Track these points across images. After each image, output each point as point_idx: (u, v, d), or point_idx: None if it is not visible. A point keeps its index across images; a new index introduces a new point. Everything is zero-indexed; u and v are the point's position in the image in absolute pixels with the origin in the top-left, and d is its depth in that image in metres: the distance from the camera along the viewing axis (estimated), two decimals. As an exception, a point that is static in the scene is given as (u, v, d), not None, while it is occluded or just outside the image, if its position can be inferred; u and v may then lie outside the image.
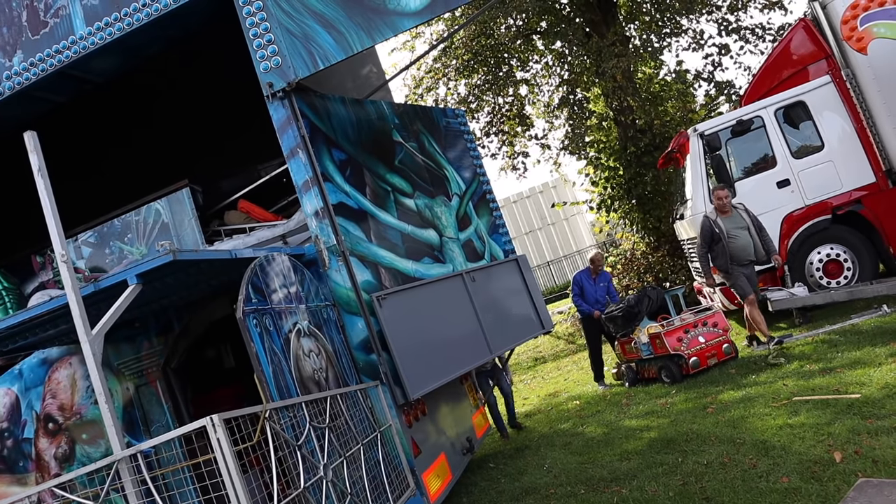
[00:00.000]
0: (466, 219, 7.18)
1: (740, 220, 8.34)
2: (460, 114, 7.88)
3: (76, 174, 6.93)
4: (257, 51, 5.42)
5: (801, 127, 9.45)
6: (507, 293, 7.19)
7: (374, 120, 6.44)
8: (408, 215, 6.31)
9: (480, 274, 6.76)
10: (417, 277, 6.03)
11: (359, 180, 5.88)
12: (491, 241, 7.42)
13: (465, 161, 7.56)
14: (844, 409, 5.36)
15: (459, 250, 6.83)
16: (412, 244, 6.21)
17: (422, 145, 6.93)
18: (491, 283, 6.95)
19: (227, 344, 7.14)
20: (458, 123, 7.71)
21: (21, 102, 6.23)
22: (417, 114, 7.18)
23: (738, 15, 15.54)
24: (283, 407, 3.86)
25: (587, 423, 7.82)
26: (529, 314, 7.25)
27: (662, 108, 15.34)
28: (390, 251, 5.88)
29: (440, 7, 5.15)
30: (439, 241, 6.59)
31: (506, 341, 6.77)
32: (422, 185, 6.67)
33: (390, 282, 5.70)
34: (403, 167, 6.54)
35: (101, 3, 5.78)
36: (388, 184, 6.25)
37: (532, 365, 14.11)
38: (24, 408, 6.36)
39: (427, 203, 6.64)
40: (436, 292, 6.09)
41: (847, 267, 9.08)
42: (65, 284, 3.85)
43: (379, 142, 6.38)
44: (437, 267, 6.41)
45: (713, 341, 8.09)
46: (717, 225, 8.31)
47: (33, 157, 3.86)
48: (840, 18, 9.11)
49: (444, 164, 7.19)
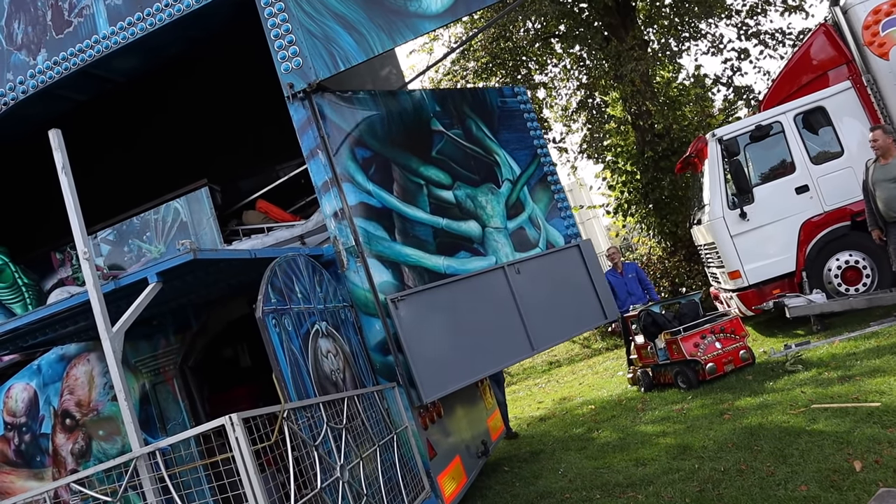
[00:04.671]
0: (519, 205, 6.81)
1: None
2: (520, 91, 7.38)
3: (95, 172, 6.98)
4: (278, 51, 5.45)
5: (820, 132, 9.37)
6: (561, 282, 6.79)
7: (408, 111, 6.28)
8: (443, 208, 6.14)
9: (529, 264, 6.48)
10: (449, 274, 5.90)
11: (385, 177, 5.81)
12: (549, 226, 6.98)
13: (523, 142, 7.12)
14: (864, 417, 5.30)
15: (506, 240, 6.51)
16: (446, 239, 6.07)
17: (468, 131, 6.67)
18: (542, 272, 6.62)
19: (244, 343, 7.17)
20: (518, 102, 7.25)
21: (43, 101, 6.30)
22: (465, 97, 6.89)
23: (757, 19, 15.49)
24: (300, 407, 3.87)
25: (602, 428, 7.79)
26: (589, 303, 6.82)
27: (680, 112, 15.29)
28: (417, 248, 5.79)
29: (461, 10, 5.15)
30: (481, 233, 6.34)
31: (555, 335, 6.54)
32: (463, 175, 6.44)
33: (414, 281, 5.63)
34: (442, 157, 6.34)
35: (125, 3, 5.83)
36: (422, 177, 6.11)
37: (547, 369, 14.09)
38: (42, 403, 6.43)
39: (469, 193, 6.41)
40: (466, 288, 5.94)
41: (866, 274, 8.98)
42: (86, 282, 3.88)
43: (413, 134, 6.23)
44: (476, 261, 6.19)
45: (730, 347, 8.04)
46: (867, 172, 7.76)
47: (57, 155, 3.90)
48: (861, 23, 9.03)
49: (495, 149, 6.83)
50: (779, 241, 9.24)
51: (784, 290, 9.11)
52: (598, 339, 14.75)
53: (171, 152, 7.44)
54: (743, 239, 9.37)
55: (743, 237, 9.36)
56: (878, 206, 7.60)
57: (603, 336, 14.59)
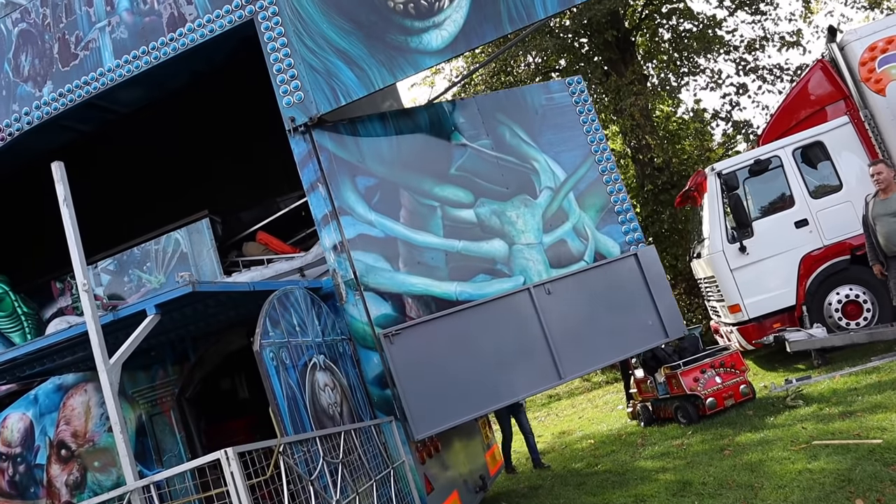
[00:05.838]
0: (561, 215, 6.27)
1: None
2: (573, 82, 6.73)
3: (97, 201, 7.01)
4: (280, 85, 5.52)
5: (819, 167, 9.42)
6: (607, 299, 6.16)
7: (424, 128, 6.08)
8: (460, 230, 5.87)
9: (564, 283, 5.99)
10: (462, 301, 5.67)
11: (391, 204, 5.69)
12: (600, 235, 6.36)
13: (573, 141, 6.50)
14: (866, 454, 5.25)
15: (539, 256, 6.06)
16: (461, 262, 5.80)
17: (499, 139, 6.25)
18: (582, 289, 6.08)
19: (242, 374, 7.15)
20: (568, 94, 6.64)
21: (47, 131, 6.37)
22: (499, 101, 6.46)
23: (755, 55, 15.65)
24: (297, 441, 3.85)
25: (601, 463, 7.72)
26: (645, 320, 6.14)
27: (680, 146, 15.40)
28: (425, 276, 5.62)
29: (462, 46, 5.23)
30: (507, 252, 5.97)
31: (593, 359, 6.04)
32: (489, 189, 6.08)
33: (418, 311, 5.50)
34: (463, 173, 6.04)
35: (130, 37, 5.93)
36: (436, 198, 5.88)
37: (546, 402, 13.99)
38: (38, 433, 6.39)
39: (495, 209, 6.04)
40: (478, 316, 5.64)
41: (867, 308, 8.96)
42: (85, 314, 3.89)
43: (428, 152, 6.01)
44: (498, 283, 5.84)
45: (730, 382, 7.99)
46: (867, 207, 7.65)
47: (59, 188, 3.93)
48: (858, 60, 9.14)
49: (533, 155, 6.32)
50: (779, 275, 9.23)
51: (784, 324, 9.08)
52: (597, 373, 14.67)
53: (172, 183, 7.49)
54: (743, 273, 9.36)
55: (743, 271, 9.36)
56: (878, 241, 7.61)
57: (603, 369, 14.51)
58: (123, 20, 6.02)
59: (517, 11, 5.28)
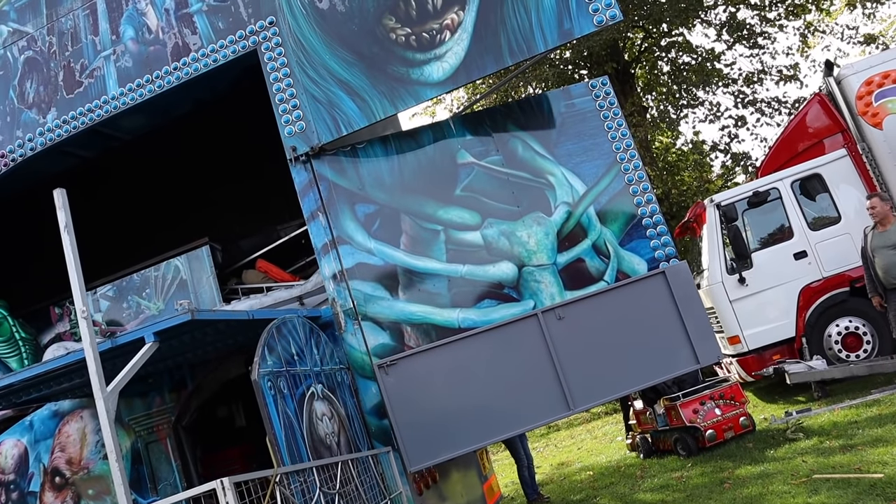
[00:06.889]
0: (579, 232, 5.89)
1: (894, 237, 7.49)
2: (596, 84, 6.21)
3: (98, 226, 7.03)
4: (283, 115, 5.57)
5: (817, 199, 9.46)
6: (629, 322, 5.71)
7: (427, 149, 5.88)
8: (465, 253, 5.67)
9: (578, 307, 5.65)
10: (465, 328, 5.48)
11: (391, 231, 5.61)
12: (623, 252, 5.87)
13: (595, 150, 6.02)
14: (867, 489, 5.20)
15: (553, 278, 5.73)
16: (465, 288, 5.61)
17: (511, 154, 5.94)
18: (598, 313, 5.70)
19: (239, 402, 7.12)
20: (592, 98, 6.15)
21: (50, 157, 6.42)
22: (511, 113, 6.11)
23: (754, 88, 15.80)
24: (293, 471, 3.82)
25: (600, 495, 7.65)
26: (672, 344, 5.69)
27: (679, 177, 15.48)
28: (426, 303, 5.50)
29: (462, 78, 5.29)
30: (515, 275, 5.69)
31: (609, 388, 5.68)
32: (497, 209, 5.81)
33: (417, 340, 5.41)
34: (469, 193, 5.80)
35: (135, 66, 6.00)
36: (439, 222, 5.70)
37: (545, 433, 13.89)
38: (33, 460, 6.34)
39: (504, 229, 5.76)
40: (481, 344, 5.45)
41: (866, 340, 8.94)
42: (83, 342, 3.88)
43: (431, 174, 5.82)
44: (506, 308, 5.59)
45: (730, 414, 7.94)
46: (865, 239, 7.71)
47: (61, 215, 3.94)
48: (855, 94, 9.22)
49: (549, 168, 5.95)
50: (778, 307, 9.22)
51: (784, 355, 9.05)
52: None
53: (173, 209, 7.52)
54: (742, 304, 9.35)
55: (742, 302, 9.35)
56: (877, 273, 7.62)
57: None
58: (128, 49, 6.10)
59: (517, 44, 5.34)
